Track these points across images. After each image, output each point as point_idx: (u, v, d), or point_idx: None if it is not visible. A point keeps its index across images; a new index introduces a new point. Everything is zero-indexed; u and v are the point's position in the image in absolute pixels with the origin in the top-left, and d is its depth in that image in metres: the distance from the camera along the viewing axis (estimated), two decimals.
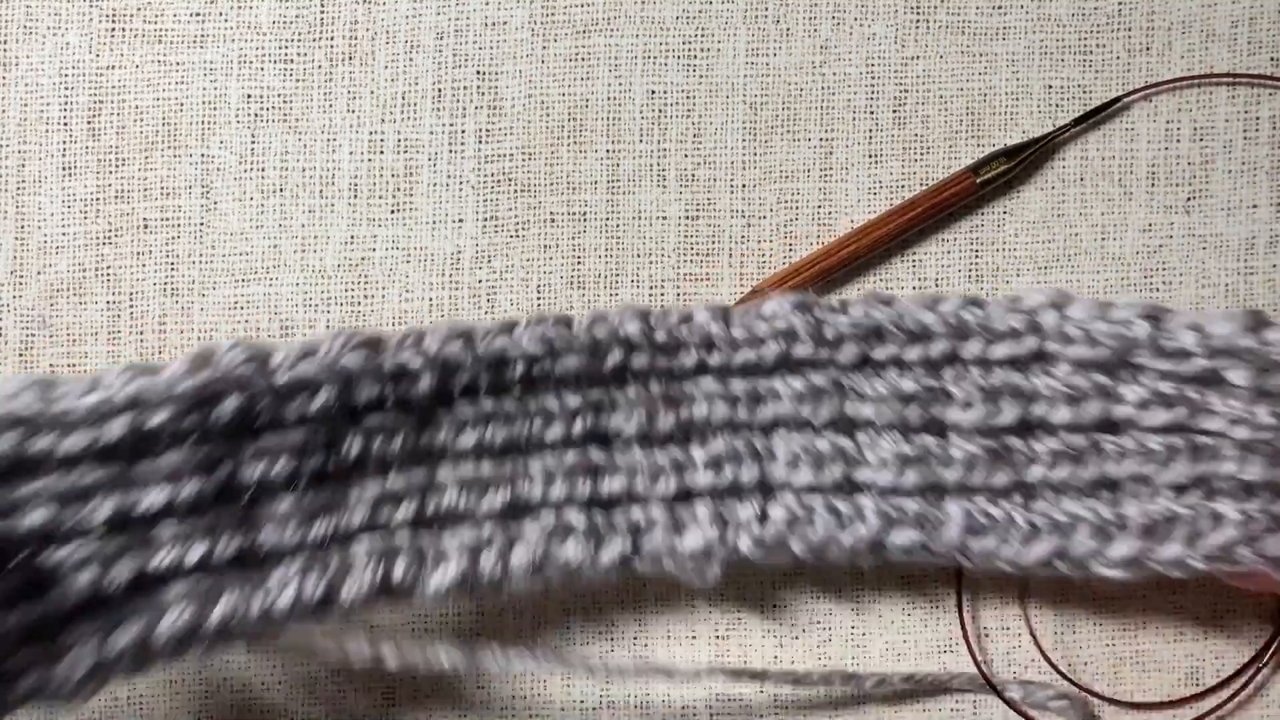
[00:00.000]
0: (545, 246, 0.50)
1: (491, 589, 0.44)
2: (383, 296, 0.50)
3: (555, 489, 0.44)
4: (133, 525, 0.39)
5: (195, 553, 0.40)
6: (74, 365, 0.49)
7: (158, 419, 0.39)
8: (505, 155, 0.50)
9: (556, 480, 0.44)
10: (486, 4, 0.50)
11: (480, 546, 0.43)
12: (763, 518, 0.44)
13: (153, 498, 0.39)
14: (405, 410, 0.43)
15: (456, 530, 0.44)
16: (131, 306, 0.50)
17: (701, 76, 0.50)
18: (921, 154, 0.51)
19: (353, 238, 0.50)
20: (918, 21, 0.50)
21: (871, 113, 0.50)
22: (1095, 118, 0.50)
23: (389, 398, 0.42)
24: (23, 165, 0.49)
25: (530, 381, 0.44)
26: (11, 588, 0.37)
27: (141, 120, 0.50)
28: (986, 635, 0.51)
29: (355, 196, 0.50)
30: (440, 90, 0.50)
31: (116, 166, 0.50)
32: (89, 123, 0.49)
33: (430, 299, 0.50)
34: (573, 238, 0.50)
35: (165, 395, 0.39)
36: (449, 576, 0.43)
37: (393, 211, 0.50)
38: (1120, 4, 0.51)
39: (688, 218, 0.50)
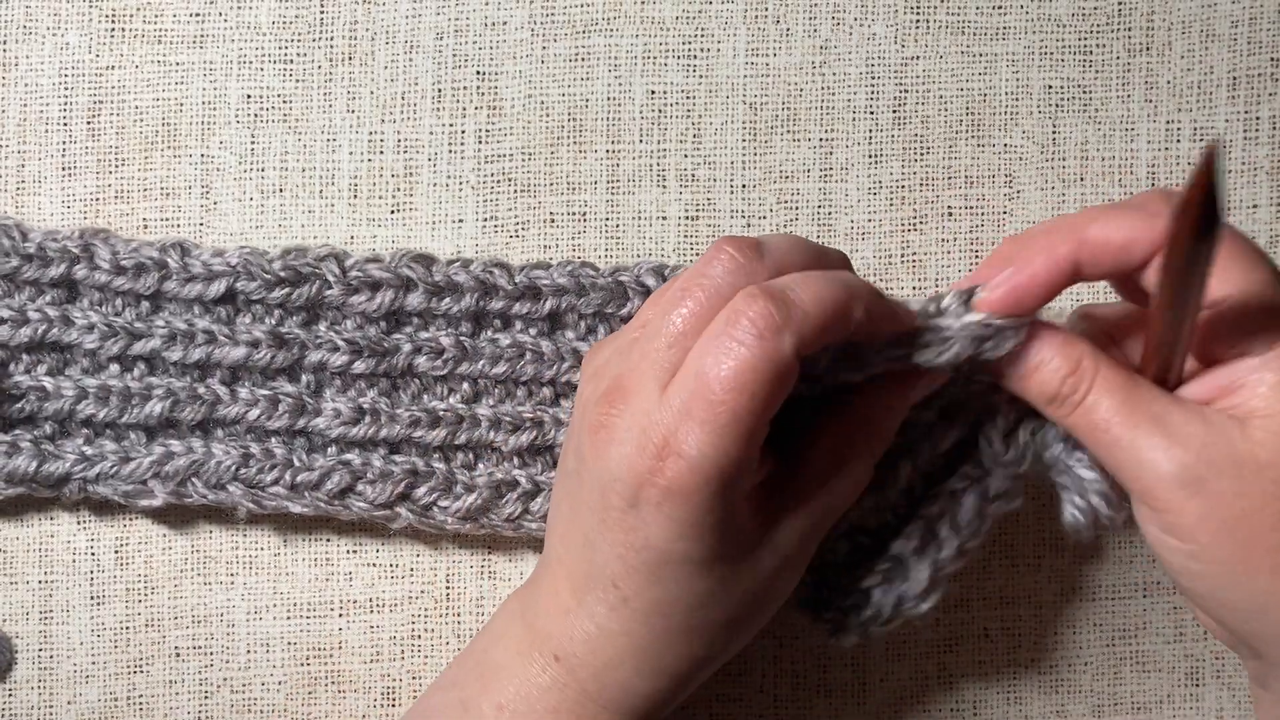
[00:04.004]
0: (545, 246, 0.50)
1: (509, 526, 0.48)
2: None
3: None
4: (211, 373, 0.48)
5: (254, 412, 0.47)
6: None
7: (252, 285, 0.47)
8: (505, 155, 0.50)
9: None
10: (486, 4, 0.50)
11: (504, 485, 0.48)
12: None
13: (233, 354, 0.47)
14: (448, 328, 0.48)
15: (485, 463, 0.48)
16: None
17: (701, 76, 0.50)
18: (921, 154, 0.50)
19: (352, 238, 0.50)
20: (918, 21, 0.50)
21: (871, 113, 0.50)
22: None
23: (436, 312, 0.48)
24: (23, 165, 0.49)
25: (556, 318, 0.48)
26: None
27: (141, 120, 0.49)
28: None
29: (355, 196, 0.50)
30: (440, 90, 0.50)
31: (116, 166, 0.50)
32: (89, 123, 0.49)
33: None
34: (573, 238, 0.50)
35: (261, 269, 0.47)
36: (468, 505, 0.48)
37: (393, 211, 0.50)
38: (1120, 4, 0.51)
39: (688, 218, 0.50)
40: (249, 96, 0.50)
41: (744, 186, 0.50)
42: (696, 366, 0.38)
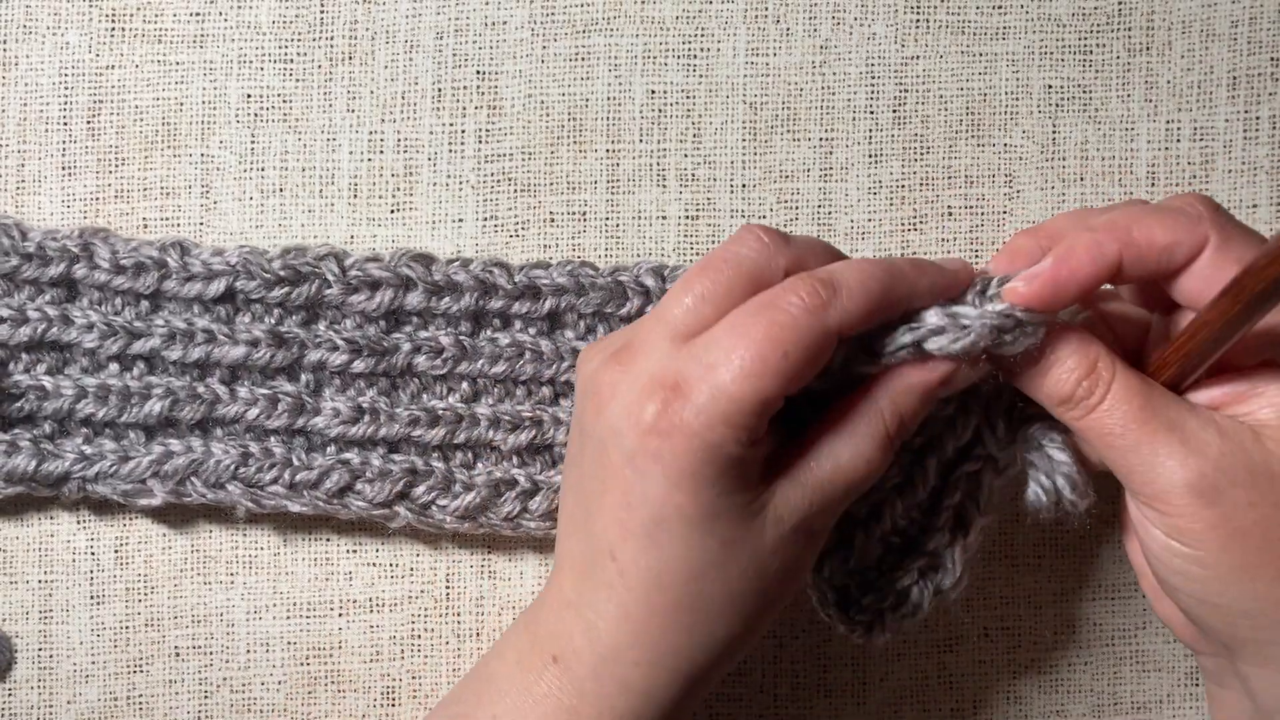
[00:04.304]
0: (545, 246, 0.50)
1: (507, 525, 0.48)
2: None
3: None
4: (210, 372, 0.48)
5: (253, 411, 0.47)
6: None
7: (252, 285, 0.47)
8: (505, 155, 0.50)
9: None
10: (486, 4, 0.50)
11: (503, 484, 0.48)
12: None
13: (233, 353, 0.47)
14: (447, 328, 0.48)
15: (484, 463, 0.48)
16: None
17: (701, 76, 0.50)
18: (921, 154, 0.50)
19: (352, 237, 0.50)
20: (918, 21, 0.50)
21: (871, 113, 0.50)
22: None
23: (436, 311, 0.48)
24: (22, 165, 0.49)
25: (555, 318, 0.48)
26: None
27: (141, 120, 0.49)
28: None
29: (355, 196, 0.50)
30: (440, 90, 0.50)
31: (116, 166, 0.50)
32: (89, 123, 0.49)
33: None
34: (573, 238, 0.50)
35: (261, 268, 0.47)
36: (466, 504, 0.47)
37: (392, 211, 0.50)
38: (1120, 4, 0.51)
39: (688, 218, 0.50)
40: (249, 96, 0.50)
41: (744, 186, 0.50)
42: (732, 323, 0.38)
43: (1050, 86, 0.51)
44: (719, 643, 0.40)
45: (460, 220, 0.50)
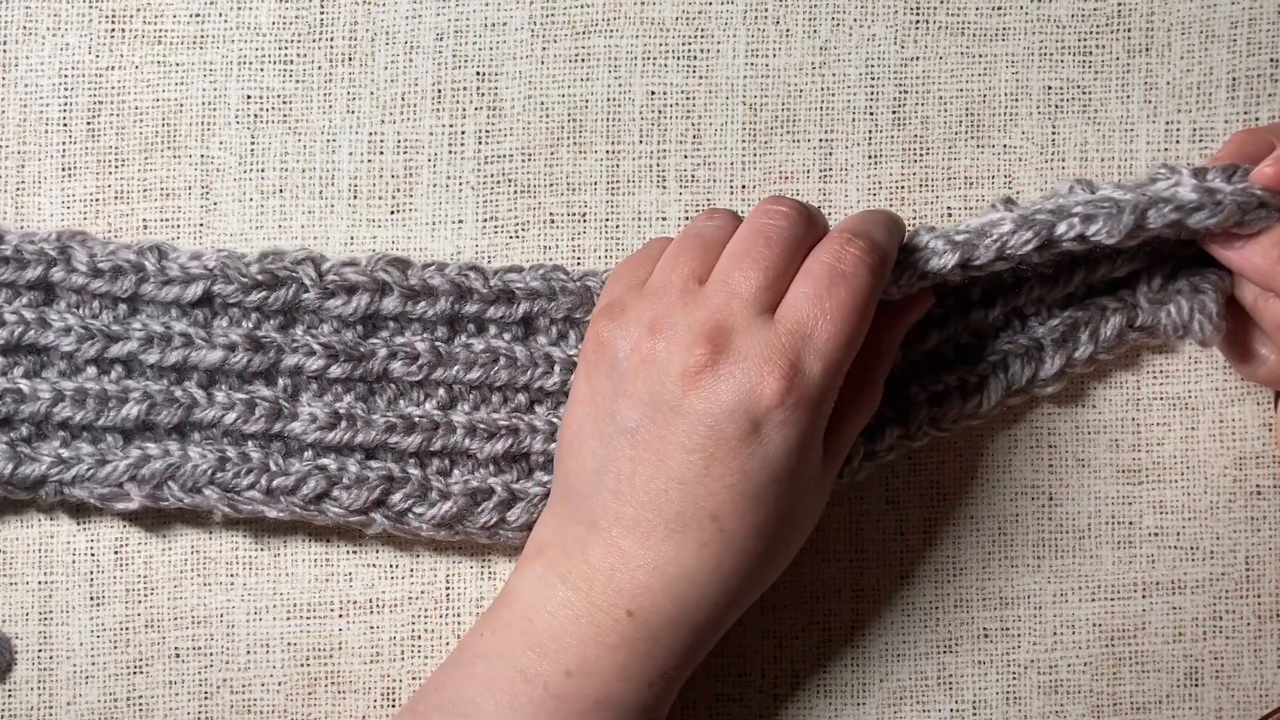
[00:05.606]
0: (545, 247, 0.50)
1: (484, 535, 0.48)
2: None
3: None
4: (188, 376, 0.48)
5: (231, 415, 0.47)
6: None
7: (229, 289, 0.47)
8: (505, 156, 0.50)
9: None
10: (486, 4, 0.50)
11: (480, 493, 0.48)
12: None
13: (210, 357, 0.47)
14: (423, 333, 0.48)
15: (460, 470, 0.48)
16: None
17: (701, 77, 0.50)
18: (921, 154, 0.51)
19: (352, 238, 0.50)
20: (918, 22, 0.50)
21: (871, 113, 0.50)
22: None
23: (412, 316, 0.48)
24: (22, 165, 0.49)
25: (529, 323, 0.48)
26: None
27: (141, 121, 0.49)
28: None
29: (355, 197, 0.50)
30: (440, 91, 0.50)
31: (116, 167, 0.50)
32: (89, 123, 0.49)
33: None
34: (573, 238, 0.50)
35: (238, 272, 0.47)
36: (443, 513, 0.47)
37: (392, 212, 0.50)
38: (1120, 4, 0.51)
39: (688, 218, 0.50)
40: (249, 97, 0.50)
41: (744, 187, 0.50)
42: (818, 295, 0.42)
43: (1050, 87, 0.51)
44: (769, 582, 0.45)
45: (460, 221, 0.50)
